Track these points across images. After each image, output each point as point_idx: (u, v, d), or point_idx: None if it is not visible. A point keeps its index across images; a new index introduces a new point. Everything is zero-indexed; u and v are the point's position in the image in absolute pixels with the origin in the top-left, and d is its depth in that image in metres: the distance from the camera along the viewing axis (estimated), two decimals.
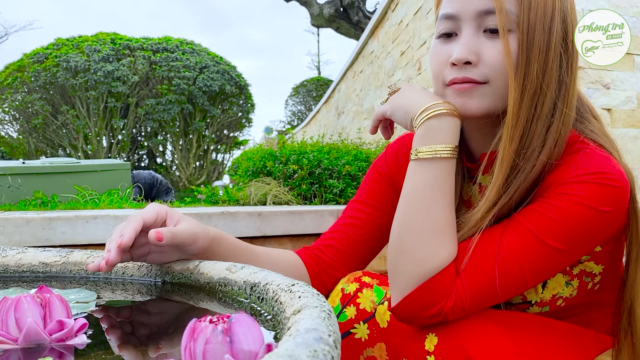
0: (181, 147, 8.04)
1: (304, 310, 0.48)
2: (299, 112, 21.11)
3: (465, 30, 0.84)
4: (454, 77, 0.84)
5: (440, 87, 0.89)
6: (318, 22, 13.25)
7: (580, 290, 0.91)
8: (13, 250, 0.99)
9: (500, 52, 0.82)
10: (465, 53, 0.82)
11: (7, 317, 0.51)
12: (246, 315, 0.45)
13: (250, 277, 0.74)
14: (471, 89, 0.84)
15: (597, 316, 0.97)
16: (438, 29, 0.89)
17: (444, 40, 0.88)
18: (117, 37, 7.75)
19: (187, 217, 0.91)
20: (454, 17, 0.85)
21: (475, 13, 0.83)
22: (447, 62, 0.85)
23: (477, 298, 0.81)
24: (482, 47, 0.83)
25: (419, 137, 0.86)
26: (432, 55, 0.91)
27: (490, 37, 0.83)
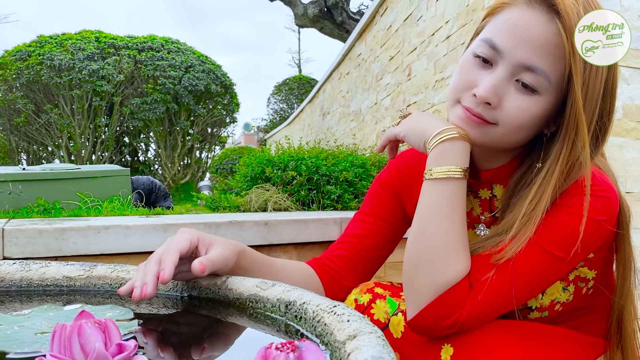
0: (166, 147, 7.99)
1: (361, 336, 0.52)
2: (281, 110, 21.10)
3: (500, 70, 0.87)
4: (470, 107, 0.90)
5: (454, 101, 0.95)
6: (302, 22, 13.26)
7: (576, 295, 0.97)
8: (36, 265, 1.00)
9: (519, 107, 0.87)
10: (489, 95, 0.86)
11: (71, 342, 0.54)
12: (312, 344, 0.48)
13: (283, 295, 0.77)
14: (479, 125, 0.90)
15: (591, 320, 1.04)
16: (477, 49, 0.91)
17: (478, 62, 0.91)
18: (102, 35, 7.66)
19: (217, 239, 0.94)
20: (497, 50, 0.88)
21: (517, 61, 0.86)
22: (471, 87, 0.90)
23: (490, 308, 0.87)
24: (507, 93, 0.87)
25: (433, 159, 0.91)
26: (460, 69, 0.94)
27: (519, 88, 0.87)
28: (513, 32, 0.86)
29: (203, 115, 8.27)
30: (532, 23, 0.85)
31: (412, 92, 3.65)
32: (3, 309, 0.86)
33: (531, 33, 0.84)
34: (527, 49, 0.85)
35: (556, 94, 0.88)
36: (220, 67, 8.80)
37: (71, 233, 1.31)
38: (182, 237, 0.89)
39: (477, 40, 0.92)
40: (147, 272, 0.83)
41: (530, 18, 0.85)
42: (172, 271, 0.82)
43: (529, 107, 0.86)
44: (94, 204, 1.78)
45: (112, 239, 1.36)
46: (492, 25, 0.91)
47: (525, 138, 0.92)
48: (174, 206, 2.86)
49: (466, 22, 2.65)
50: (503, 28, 0.88)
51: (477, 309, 0.85)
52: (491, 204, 1.03)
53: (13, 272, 0.99)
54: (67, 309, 0.81)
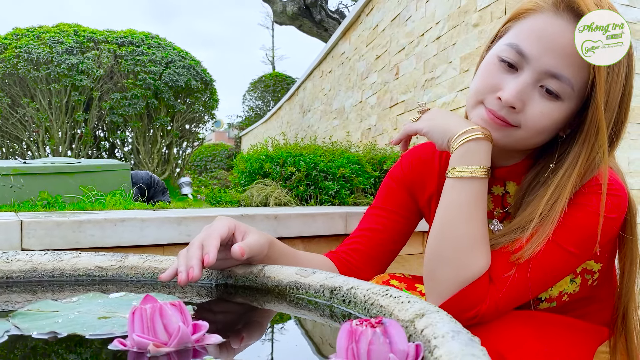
0: (145, 142, 7.90)
1: (430, 314, 0.56)
2: (256, 107, 21.01)
3: (525, 76, 0.90)
4: (494, 109, 0.93)
5: (476, 102, 0.97)
6: (281, 19, 13.24)
7: (582, 286, 1.03)
8: (68, 255, 1.02)
9: (542, 112, 0.90)
10: (515, 99, 0.90)
11: (154, 323, 0.56)
12: (392, 320, 0.52)
13: (327, 282, 0.81)
14: (501, 127, 0.93)
15: (594, 309, 1.10)
16: (502, 52, 0.93)
17: (503, 66, 0.93)
18: (80, 29, 7.52)
19: (252, 229, 0.97)
20: (524, 56, 0.91)
21: (544, 68, 0.89)
22: (495, 90, 0.93)
23: (509, 302, 0.91)
24: (531, 99, 0.90)
25: (458, 158, 0.94)
26: (484, 71, 0.97)
27: (544, 94, 0.90)
28: (540, 39, 0.89)
29: (183, 111, 8.21)
30: (560, 32, 0.87)
31: (400, 91, 3.71)
32: (35, 298, 0.88)
33: (559, 42, 0.87)
34: (553, 57, 0.88)
35: (577, 100, 0.91)
36: (200, 63, 8.76)
37: (88, 225, 1.32)
38: (222, 224, 0.92)
39: (502, 45, 0.94)
40: (191, 256, 0.85)
41: (558, 27, 0.88)
42: (215, 255, 0.85)
43: (551, 113, 0.90)
44: (97, 197, 1.78)
45: (128, 231, 1.37)
46: (518, 31, 0.93)
47: (543, 141, 0.96)
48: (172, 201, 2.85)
49: (457, 24, 2.72)
50: (530, 35, 0.90)
51: (496, 302, 0.90)
52: (504, 200, 1.08)
53: (45, 262, 1.00)
54: (112, 296, 0.83)
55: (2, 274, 0.97)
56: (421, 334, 0.53)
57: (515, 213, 1.01)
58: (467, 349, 0.44)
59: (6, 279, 0.97)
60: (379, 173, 2.58)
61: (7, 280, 0.97)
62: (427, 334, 0.52)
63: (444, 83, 2.89)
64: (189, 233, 1.46)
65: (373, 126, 4.34)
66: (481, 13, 2.44)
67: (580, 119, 0.94)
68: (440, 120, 0.98)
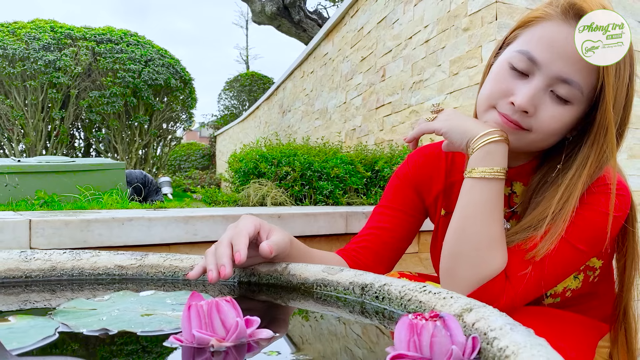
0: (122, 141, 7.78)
1: (478, 308, 0.58)
2: (232, 106, 20.90)
3: (537, 81, 0.93)
4: (507, 114, 0.96)
5: (488, 106, 1.00)
6: (260, 19, 13.19)
7: (584, 282, 1.08)
8: (87, 254, 1.01)
9: (554, 116, 0.93)
10: (527, 104, 0.92)
11: (212, 319, 0.57)
12: (450, 314, 0.54)
13: (356, 279, 0.83)
14: (514, 130, 0.96)
15: (594, 305, 1.14)
16: (513, 59, 0.96)
17: (514, 73, 0.96)
18: (57, 25, 7.36)
19: (275, 227, 0.98)
20: (535, 62, 0.93)
21: (555, 74, 0.92)
22: (507, 95, 0.96)
23: (523, 298, 0.95)
24: (543, 103, 0.94)
25: (480, 159, 0.97)
26: (495, 77, 0.99)
27: (554, 99, 0.93)
28: (551, 46, 0.92)
29: (162, 109, 8.11)
30: (569, 39, 0.90)
31: (386, 92, 3.76)
32: (54, 297, 0.87)
33: (569, 48, 0.90)
34: (564, 63, 0.91)
35: (586, 103, 0.95)
36: (179, 62, 8.67)
37: (96, 225, 1.31)
38: (248, 222, 0.93)
39: (512, 51, 0.98)
40: (221, 255, 0.86)
41: (567, 34, 0.91)
42: (246, 253, 0.86)
43: (562, 117, 0.93)
44: (94, 196, 1.76)
45: (135, 230, 1.37)
46: (527, 38, 0.96)
47: (553, 143, 1.00)
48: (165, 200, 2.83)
49: (447, 28, 2.76)
50: (540, 42, 0.93)
51: (512, 298, 0.93)
52: (510, 200, 1.11)
53: (64, 261, 0.99)
54: (142, 294, 0.83)
55: (21, 273, 0.97)
56: (473, 327, 0.56)
57: (524, 212, 1.05)
58: (531, 340, 0.46)
59: (25, 278, 0.97)
60: (371, 173, 2.61)
61: (26, 279, 0.97)
62: (481, 327, 0.54)
63: (432, 85, 2.94)
64: (195, 232, 1.46)
65: (358, 127, 4.38)
66: (471, 18, 2.49)
67: (587, 121, 0.98)
68: (459, 122, 1.00)
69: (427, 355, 0.51)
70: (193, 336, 0.56)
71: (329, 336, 0.68)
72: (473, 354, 0.52)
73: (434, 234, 1.24)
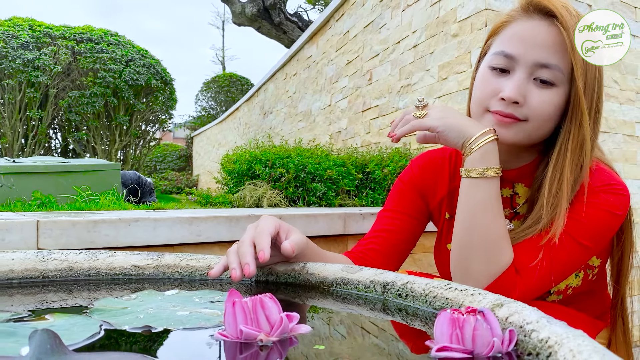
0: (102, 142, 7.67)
1: (509, 304, 0.61)
2: (209, 107, 20.77)
3: (519, 73, 0.99)
4: (500, 110, 1.00)
5: (481, 111, 1.05)
6: (240, 20, 13.16)
7: (584, 280, 1.13)
8: (103, 254, 1.02)
9: (544, 101, 0.98)
10: (516, 94, 0.98)
11: (257, 315, 0.59)
12: (487, 309, 0.57)
13: (377, 277, 0.86)
14: (512, 124, 1.01)
15: (590, 302, 1.20)
16: (492, 62, 1.03)
17: (496, 73, 1.02)
18: (35, 23, 7.23)
19: (293, 228, 1.00)
20: (511, 58, 1.00)
21: (532, 62, 0.98)
22: (495, 94, 1.01)
23: (534, 292, 1.00)
24: (530, 91, 0.99)
25: (479, 158, 1.01)
26: (481, 82, 1.05)
27: (539, 85, 0.99)
28: (522, 40, 0.99)
29: (143, 110, 8.03)
30: (537, 30, 0.98)
31: (373, 96, 3.80)
32: (71, 297, 0.88)
33: (538, 37, 0.98)
34: (538, 50, 0.98)
35: (568, 84, 1.00)
36: (159, 62, 8.60)
37: (103, 225, 1.32)
38: (269, 222, 0.95)
39: (489, 56, 1.05)
40: (245, 253, 0.88)
41: (534, 26, 0.99)
42: (269, 252, 0.88)
43: (551, 99, 0.99)
44: (90, 197, 1.75)
45: (141, 231, 1.37)
46: (500, 41, 1.04)
47: (551, 129, 1.04)
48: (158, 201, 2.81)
49: (436, 33, 2.82)
50: (511, 40, 1.01)
51: (524, 292, 0.97)
52: (512, 201, 1.15)
53: (81, 261, 1.00)
54: (167, 294, 0.85)
55: (38, 273, 0.97)
56: (506, 321, 0.59)
57: (530, 211, 1.09)
58: (571, 331, 0.50)
59: (42, 278, 0.97)
60: (362, 175, 2.65)
61: (43, 279, 0.97)
62: (515, 320, 0.58)
63: (421, 89, 2.99)
64: (199, 233, 1.47)
65: (344, 129, 4.42)
66: (461, 24, 2.55)
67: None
68: (455, 120, 1.03)
69: (470, 348, 0.54)
70: (240, 331, 0.58)
71: (359, 330, 0.70)
72: (510, 345, 0.55)
73: (438, 237, 1.28)
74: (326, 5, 13.99)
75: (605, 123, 2.97)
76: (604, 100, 1.14)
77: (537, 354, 0.51)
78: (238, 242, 0.94)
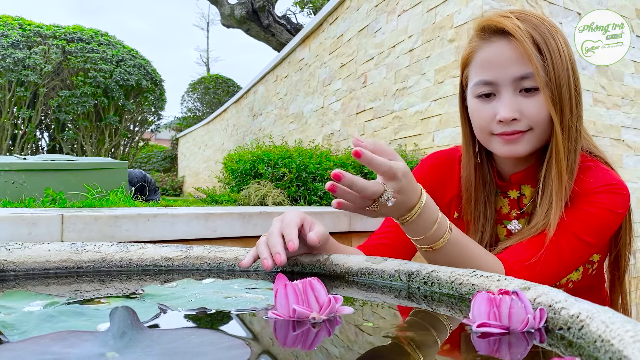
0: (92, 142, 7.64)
1: (535, 287, 0.68)
2: (195, 108, 20.71)
3: (505, 93, 1.05)
4: (504, 130, 1.07)
5: (486, 136, 1.11)
6: (229, 22, 13.19)
7: (584, 274, 1.20)
8: (134, 247, 1.06)
9: (537, 106, 1.04)
10: (510, 113, 1.04)
11: (307, 296, 0.65)
12: (519, 290, 0.63)
13: (402, 267, 0.91)
14: (519, 137, 1.07)
15: (590, 296, 1.27)
16: (476, 91, 1.09)
17: (483, 100, 1.09)
18: (25, 22, 7.18)
19: (316, 221, 1.05)
20: (491, 83, 1.06)
21: (512, 78, 1.05)
22: (492, 118, 1.07)
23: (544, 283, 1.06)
24: (521, 104, 1.05)
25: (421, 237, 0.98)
26: (475, 112, 1.11)
27: (526, 95, 1.05)
28: (493, 64, 1.06)
29: (133, 110, 8.02)
30: (499, 50, 1.05)
31: (368, 98, 3.87)
32: (104, 287, 0.92)
33: (505, 56, 1.04)
34: (510, 67, 1.04)
35: None
36: (149, 63, 8.59)
37: (123, 220, 1.36)
38: (295, 215, 1.00)
39: (471, 88, 1.11)
40: (275, 244, 0.93)
41: (495, 48, 1.06)
42: (298, 242, 0.93)
43: (543, 102, 1.05)
44: (102, 196, 1.78)
45: (159, 226, 1.41)
46: (474, 71, 1.10)
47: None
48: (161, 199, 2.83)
49: (432, 38, 2.90)
50: (483, 67, 1.07)
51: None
52: (519, 202, 1.21)
53: (113, 253, 1.04)
54: (205, 282, 0.89)
55: (72, 264, 1.01)
56: (535, 302, 0.65)
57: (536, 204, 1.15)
58: (599, 307, 0.56)
59: (77, 269, 1.01)
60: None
61: (78, 270, 1.01)
62: (544, 301, 0.64)
63: (416, 93, 3.06)
64: (214, 229, 1.52)
65: (337, 131, 4.48)
66: (457, 29, 2.63)
67: None
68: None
69: (506, 324, 0.60)
70: (293, 310, 0.63)
71: (393, 312, 0.76)
72: (541, 322, 0.61)
73: None
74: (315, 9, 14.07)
75: (593, 127, 3.07)
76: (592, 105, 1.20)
77: (568, 328, 0.57)
78: (266, 234, 0.99)
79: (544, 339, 0.59)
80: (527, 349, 0.57)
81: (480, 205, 1.20)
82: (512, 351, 0.57)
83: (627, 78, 3.35)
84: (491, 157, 1.23)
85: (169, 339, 0.53)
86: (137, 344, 0.51)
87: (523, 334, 0.59)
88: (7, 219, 1.21)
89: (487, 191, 1.20)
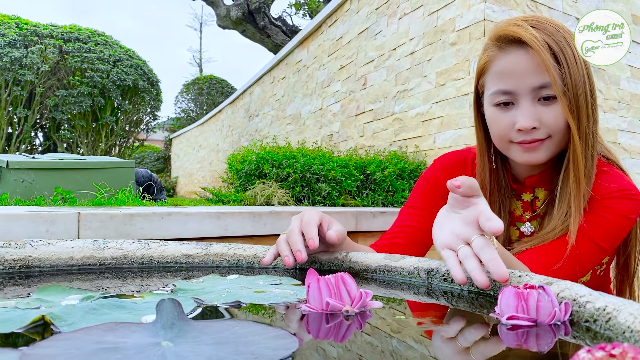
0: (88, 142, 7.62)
1: (557, 282, 0.70)
2: (189, 109, 20.69)
3: (523, 102, 1.07)
4: (523, 139, 1.09)
5: (506, 144, 1.13)
6: (224, 23, 13.20)
7: (592, 275, 1.22)
8: (155, 244, 1.08)
9: (556, 115, 1.06)
10: (530, 122, 1.06)
11: (339, 290, 0.67)
12: (545, 285, 0.66)
13: (421, 264, 0.94)
14: (539, 145, 1.09)
15: None
16: (494, 101, 1.11)
17: (501, 108, 1.10)
18: (22, 21, 7.15)
19: (333, 219, 1.08)
20: (510, 92, 1.08)
21: (531, 88, 1.06)
22: (511, 127, 1.09)
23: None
24: (540, 113, 1.07)
25: None
26: (494, 120, 1.13)
27: (545, 103, 1.07)
28: (511, 74, 1.07)
29: (129, 111, 8.01)
30: (516, 60, 1.06)
31: (368, 100, 3.90)
32: (125, 284, 0.94)
33: (523, 66, 1.05)
34: (528, 77, 1.06)
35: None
36: (146, 63, 8.59)
37: (138, 219, 1.37)
38: (313, 214, 1.02)
39: (489, 97, 1.13)
40: (295, 241, 0.95)
41: (513, 58, 1.07)
42: (318, 240, 0.95)
43: (561, 110, 1.07)
44: (111, 195, 1.79)
45: (173, 225, 1.43)
46: (491, 80, 1.12)
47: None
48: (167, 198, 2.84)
49: (434, 41, 2.93)
50: (501, 77, 1.09)
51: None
52: (533, 205, 1.23)
53: (134, 250, 1.06)
54: (229, 278, 0.91)
55: (95, 261, 1.03)
56: (558, 296, 0.68)
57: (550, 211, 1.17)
58: (624, 300, 0.59)
59: (99, 266, 1.03)
60: (362, 176, 2.73)
61: (100, 266, 1.03)
62: (567, 295, 0.66)
63: (417, 95, 3.09)
64: (226, 227, 1.54)
65: (336, 132, 4.51)
66: (459, 33, 2.66)
67: None
68: None
69: (534, 317, 0.63)
70: (327, 304, 0.66)
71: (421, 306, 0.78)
72: (566, 315, 0.64)
73: None
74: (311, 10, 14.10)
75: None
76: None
77: (594, 321, 0.60)
78: (286, 232, 1.01)
79: (569, 331, 0.62)
80: (554, 341, 0.59)
81: (494, 210, 1.22)
82: (540, 342, 0.59)
83: (623, 82, 3.41)
84: (506, 161, 1.25)
85: (214, 329, 0.55)
86: (186, 334, 0.53)
87: (550, 327, 0.62)
88: (25, 216, 1.22)
89: (502, 195, 1.23)
